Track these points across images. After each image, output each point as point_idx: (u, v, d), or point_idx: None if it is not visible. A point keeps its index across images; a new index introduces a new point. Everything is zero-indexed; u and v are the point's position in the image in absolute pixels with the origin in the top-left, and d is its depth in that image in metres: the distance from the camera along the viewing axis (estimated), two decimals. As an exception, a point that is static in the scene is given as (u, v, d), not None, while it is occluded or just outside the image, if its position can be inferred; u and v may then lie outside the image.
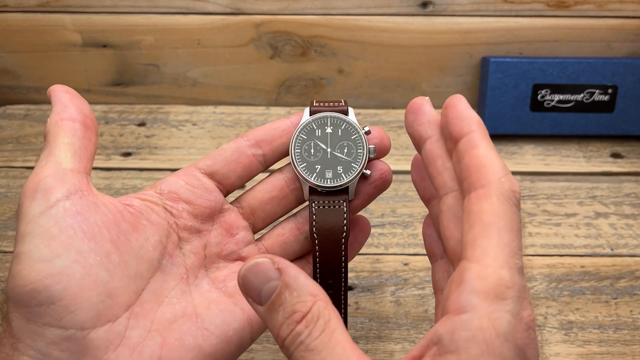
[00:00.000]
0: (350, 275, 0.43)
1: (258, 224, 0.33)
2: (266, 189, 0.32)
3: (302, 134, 0.32)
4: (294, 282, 0.22)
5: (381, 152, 0.32)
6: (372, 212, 0.47)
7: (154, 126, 0.55)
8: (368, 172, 0.31)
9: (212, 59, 0.55)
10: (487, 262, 0.20)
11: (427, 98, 0.27)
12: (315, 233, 0.31)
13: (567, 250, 0.45)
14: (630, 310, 0.41)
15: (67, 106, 0.28)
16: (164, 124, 0.55)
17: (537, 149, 0.53)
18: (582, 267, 0.44)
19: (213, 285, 0.30)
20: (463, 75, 0.55)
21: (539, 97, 0.52)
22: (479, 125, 0.24)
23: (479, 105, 0.54)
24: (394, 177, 0.51)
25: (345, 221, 0.31)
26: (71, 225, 0.25)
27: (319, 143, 0.31)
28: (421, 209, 0.48)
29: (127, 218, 0.28)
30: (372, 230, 0.46)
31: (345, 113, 0.32)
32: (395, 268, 0.43)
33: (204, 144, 0.53)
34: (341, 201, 0.31)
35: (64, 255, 0.24)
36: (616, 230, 0.46)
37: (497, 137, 0.53)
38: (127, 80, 0.56)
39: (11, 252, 0.45)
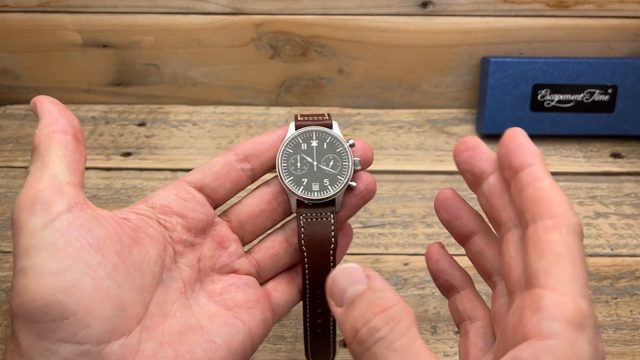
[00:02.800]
0: (350, 275, 0.43)
1: (247, 237, 0.33)
2: (254, 202, 0.32)
3: (289, 148, 0.32)
4: (379, 286, 0.23)
5: (365, 163, 0.33)
6: (372, 212, 0.47)
7: (154, 126, 0.55)
8: (354, 184, 0.32)
9: (212, 59, 0.55)
10: (564, 291, 0.21)
11: (478, 139, 0.28)
12: (303, 245, 0.31)
13: (567, 250, 0.45)
14: (630, 310, 0.41)
15: (57, 118, 0.28)
16: (164, 124, 0.55)
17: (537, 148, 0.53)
18: (582, 267, 0.44)
19: (210, 299, 0.30)
20: (463, 75, 0.55)
21: (539, 97, 0.52)
22: (541, 158, 0.24)
23: (479, 105, 0.54)
24: (394, 177, 0.51)
25: (333, 232, 0.31)
26: (77, 238, 0.25)
27: (305, 157, 0.32)
28: (421, 209, 0.48)
29: (127, 232, 0.27)
30: (372, 231, 0.46)
31: (330, 127, 0.33)
32: (395, 268, 0.43)
33: (204, 144, 0.53)
34: (328, 213, 0.32)
35: (73, 268, 0.24)
36: (616, 230, 0.46)
37: (497, 137, 0.53)
38: (127, 80, 0.56)
39: (11, 252, 0.45)
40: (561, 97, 0.52)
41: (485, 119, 0.52)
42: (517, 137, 0.25)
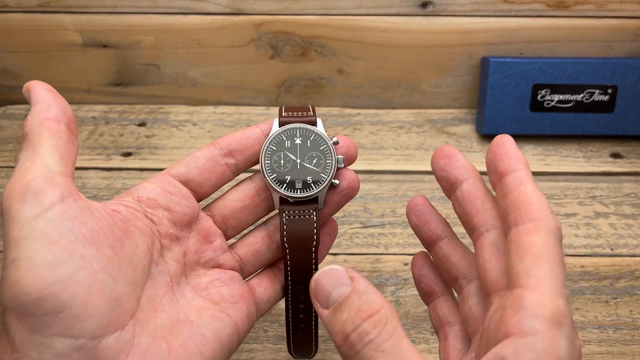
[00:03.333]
0: (350, 275, 0.43)
1: (230, 232, 0.33)
2: (238, 197, 0.32)
3: (272, 145, 0.32)
4: (364, 289, 0.23)
5: (349, 160, 0.33)
6: (372, 212, 0.47)
7: (154, 126, 0.55)
8: (337, 181, 0.32)
9: (212, 59, 0.55)
10: (544, 291, 0.22)
11: (454, 147, 0.29)
12: (286, 242, 0.31)
13: (566, 250, 0.45)
14: (630, 310, 0.41)
15: (50, 106, 0.27)
16: (164, 124, 0.55)
17: (537, 149, 0.53)
18: (582, 267, 0.44)
19: (196, 293, 0.30)
20: (463, 75, 0.55)
21: (538, 97, 0.52)
22: (526, 164, 0.25)
23: (479, 105, 0.54)
24: (394, 177, 0.51)
25: (315, 230, 0.31)
26: (71, 230, 0.24)
27: (288, 154, 0.32)
28: (421, 209, 0.48)
29: (118, 224, 0.27)
30: (372, 230, 0.46)
31: (314, 123, 0.33)
32: (395, 268, 0.43)
33: (204, 144, 0.53)
34: (311, 210, 0.32)
35: (68, 261, 0.23)
36: (616, 230, 0.46)
37: (497, 137, 0.53)
38: (127, 80, 0.56)
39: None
40: (561, 97, 0.52)
41: (485, 119, 0.52)
42: (504, 143, 0.26)
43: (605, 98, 0.52)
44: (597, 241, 0.45)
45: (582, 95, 0.52)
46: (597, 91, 0.51)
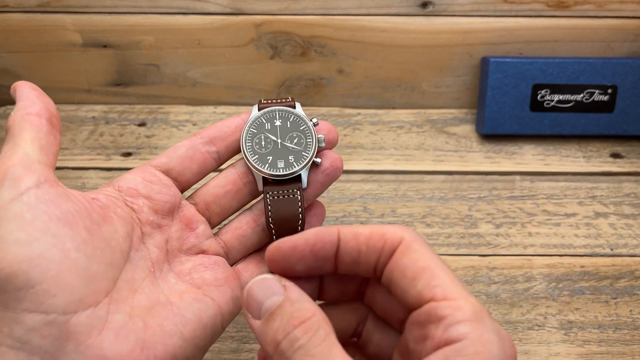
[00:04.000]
0: (350, 275, 0.43)
1: (214, 219, 0.33)
2: (220, 183, 0.33)
3: (252, 128, 0.32)
4: (296, 297, 0.23)
5: (330, 142, 0.33)
6: (372, 212, 0.47)
7: (154, 126, 0.55)
8: (319, 160, 0.32)
9: (212, 59, 0.55)
10: (454, 296, 0.22)
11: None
12: (271, 223, 0.31)
13: (566, 250, 0.45)
14: (630, 310, 0.41)
15: (34, 102, 0.28)
16: (164, 124, 0.55)
17: (537, 149, 0.53)
18: (582, 267, 0.44)
19: (179, 279, 0.30)
20: (463, 75, 0.55)
21: (538, 97, 0.52)
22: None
23: (479, 105, 0.54)
24: (394, 177, 0.51)
25: (300, 209, 0.31)
26: (45, 212, 0.25)
27: (269, 135, 0.32)
28: (421, 209, 0.48)
29: (96, 210, 0.27)
30: (372, 230, 0.46)
31: (293, 107, 0.33)
32: (395, 268, 0.43)
33: (204, 144, 0.53)
34: (295, 190, 0.32)
35: (41, 239, 0.24)
36: (616, 230, 0.46)
37: (497, 137, 0.53)
38: (127, 80, 0.56)
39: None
40: (561, 97, 0.52)
41: (485, 119, 0.52)
42: (296, 241, 0.25)
43: (605, 98, 0.52)
44: (597, 241, 0.45)
45: (582, 95, 0.52)
46: (597, 91, 0.51)
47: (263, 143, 0.32)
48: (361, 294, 0.27)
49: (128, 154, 0.52)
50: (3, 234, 0.24)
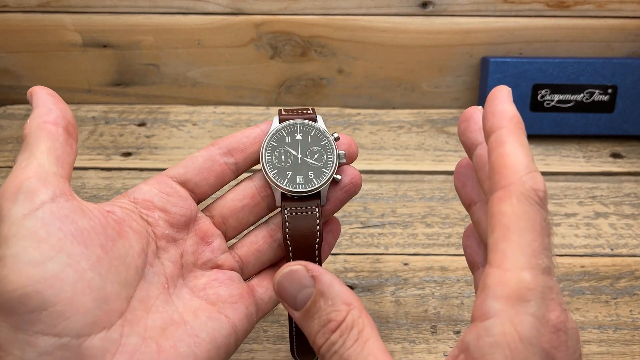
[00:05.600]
0: (350, 275, 0.43)
1: (230, 233, 0.32)
2: (237, 197, 0.32)
3: (272, 141, 0.32)
4: (328, 289, 0.23)
5: (350, 157, 0.32)
6: (372, 212, 0.47)
7: (154, 126, 0.55)
8: (339, 177, 0.31)
9: (212, 59, 0.55)
10: (507, 266, 0.20)
11: (480, 107, 0.26)
12: (288, 240, 0.31)
13: (567, 250, 0.45)
14: (630, 310, 0.41)
15: (51, 109, 0.27)
16: (164, 124, 0.55)
17: (537, 149, 0.53)
18: (582, 267, 0.44)
19: (193, 294, 0.30)
20: (463, 75, 0.55)
21: (538, 97, 0.52)
22: (511, 120, 0.22)
23: (479, 105, 0.54)
24: (394, 177, 0.51)
25: (318, 227, 0.31)
26: (60, 228, 0.24)
27: (289, 149, 0.32)
28: (421, 209, 0.48)
29: (111, 224, 0.27)
30: (372, 230, 0.46)
31: (314, 120, 0.32)
32: (395, 268, 0.43)
33: (204, 143, 0.53)
34: (313, 207, 0.31)
35: (55, 259, 0.23)
36: (616, 230, 0.46)
37: (497, 137, 0.53)
38: (127, 80, 0.56)
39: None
40: (561, 97, 0.52)
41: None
42: (495, 98, 0.23)
43: (605, 98, 0.52)
44: (597, 241, 0.45)
45: (582, 95, 0.52)
46: (597, 91, 0.51)
47: (283, 157, 0.31)
48: None
49: (128, 154, 0.52)
50: (17, 252, 0.23)
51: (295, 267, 0.23)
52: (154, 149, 0.53)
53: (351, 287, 0.42)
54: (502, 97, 0.23)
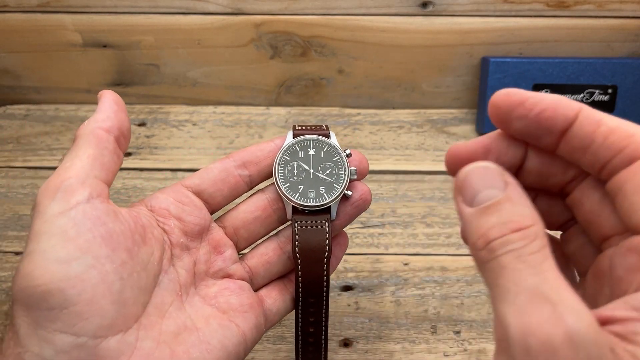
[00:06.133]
0: (350, 275, 0.43)
1: (241, 244, 0.33)
2: (249, 209, 0.33)
3: (286, 155, 0.32)
4: (518, 198, 0.20)
5: (361, 174, 0.33)
6: (372, 212, 0.47)
7: (154, 126, 0.55)
8: (349, 193, 0.32)
9: (212, 59, 0.55)
10: None
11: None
12: (298, 253, 0.31)
13: (567, 250, 0.45)
14: (630, 310, 0.41)
15: (109, 117, 0.28)
16: (164, 124, 0.55)
17: (537, 149, 0.53)
18: (582, 267, 0.44)
19: (205, 303, 0.30)
20: (463, 75, 0.55)
21: (539, 97, 0.52)
22: (581, 104, 0.22)
23: (479, 105, 0.54)
24: (394, 177, 0.51)
25: (327, 241, 0.31)
26: (90, 229, 0.25)
27: (302, 164, 0.32)
28: (421, 209, 0.48)
29: (139, 230, 0.27)
30: (372, 230, 0.46)
31: (327, 137, 0.33)
32: (395, 268, 0.43)
33: (204, 144, 0.53)
34: (323, 221, 0.32)
35: (80, 259, 0.24)
36: (616, 230, 0.46)
37: (497, 137, 0.53)
38: (127, 80, 0.56)
39: (11, 252, 0.45)
40: (561, 97, 0.52)
41: (485, 119, 0.52)
42: (529, 96, 0.22)
43: (605, 98, 0.52)
44: (597, 241, 0.45)
45: (582, 95, 0.52)
46: (597, 91, 0.51)
47: (295, 171, 0.32)
48: (565, 192, 0.24)
49: (128, 154, 0.52)
50: (45, 249, 0.24)
51: (492, 166, 0.21)
52: (154, 149, 0.53)
53: (351, 287, 0.42)
54: (527, 92, 0.22)
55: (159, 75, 0.56)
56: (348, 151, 0.32)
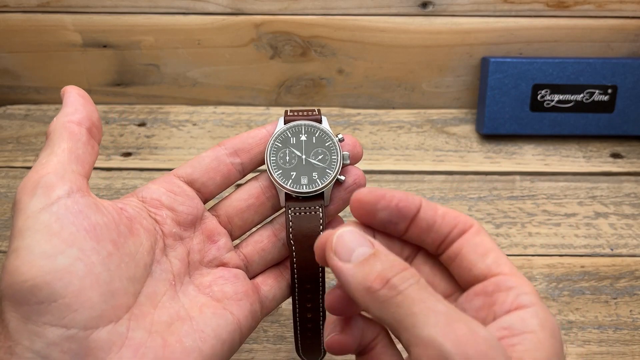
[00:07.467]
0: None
1: (235, 232, 0.33)
2: (243, 197, 0.33)
3: (277, 142, 0.32)
4: (386, 251, 0.23)
5: (354, 158, 0.33)
6: (372, 212, 0.47)
7: (154, 126, 0.55)
8: (342, 178, 0.32)
9: (212, 59, 0.55)
10: (518, 275, 0.25)
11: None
12: (292, 239, 0.31)
13: (567, 250, 0.45)
14: (630, 310, 0.41)
15: (77, 110, 0.28)
16: (164, 124, 0.55)
17: (537, 149, 0.53)
18: (582, 267, 0.44)
19: (199, 291, 0.30)
20: (463, 75, 0.55)
21: (538, 97, 0.52)
22: (420, 197, 0.26)
23: (479, 105, 0.54)
24: (394, 177, 0.51)
25: (321, 227, 0.31)
26: (73, 223, 0.25)
27: (294, 150, 0.32)
28: (421, 209, 0.48)
29: (124, 221, 0.27)
30: (372, 230, 0.46)
31: (319, 122, 0.33)
32: (395, 268, 0.43)
33: (204, 144, 0.53)
34: (317, 207, 0.31)
35: (66, 252, 0.24)
36: (616, 230, 0.46)
37: (497, 137, 0.53)
38: (127, 80, 0.56)
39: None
40: (561, 97, 0.52)
41: (485, 119, 0.52)
42: (385, 192, 0.25)
43: (605, 98, 0.52)
44: (597, 241, 0.45)
45: (582, 95, 0.52)
46: (597, 91, 0.51)
47: (287, 158, 0.32)
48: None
49: (128, 154, 0.52)
50: (30, 244, 0.24)
51: (358, 230, 0.24)
52: (154, 149, 0.53)
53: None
54: (376, 190, 0.26)
55: (159, 75, 0.56)
56: (340, 136, 0.32)
